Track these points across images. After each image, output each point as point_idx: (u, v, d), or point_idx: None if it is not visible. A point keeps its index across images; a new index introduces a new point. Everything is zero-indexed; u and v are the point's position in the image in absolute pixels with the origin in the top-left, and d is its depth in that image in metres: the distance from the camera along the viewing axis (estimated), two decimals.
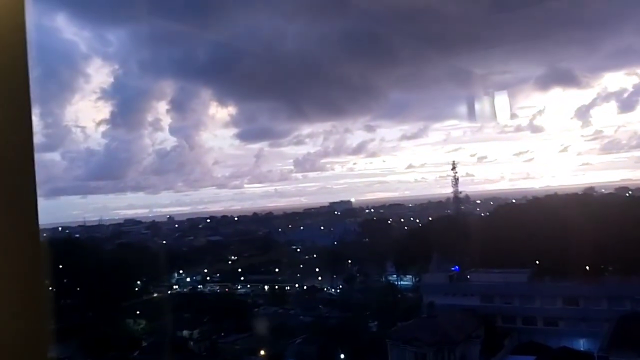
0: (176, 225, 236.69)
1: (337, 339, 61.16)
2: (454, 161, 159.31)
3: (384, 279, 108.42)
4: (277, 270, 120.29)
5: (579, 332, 58.22)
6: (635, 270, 67.21)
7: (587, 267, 77.19)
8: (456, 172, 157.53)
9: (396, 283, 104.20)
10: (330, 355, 60.43)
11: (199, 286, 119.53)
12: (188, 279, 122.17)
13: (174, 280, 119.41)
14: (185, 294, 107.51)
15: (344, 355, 60.16)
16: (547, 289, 63.66)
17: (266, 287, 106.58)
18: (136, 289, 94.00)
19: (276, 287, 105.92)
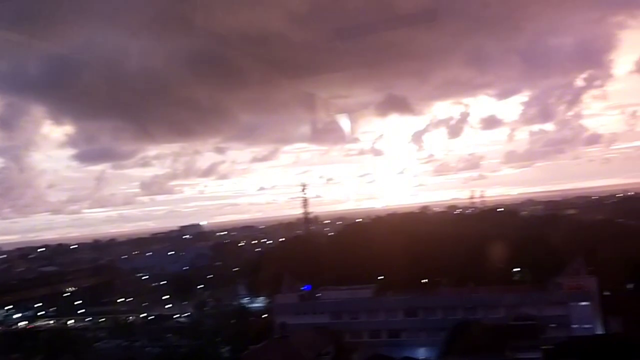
0: (4, 256, 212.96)
1: None
2: (303, 183, 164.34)
3: (236, 302, 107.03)
4: (121, 300, 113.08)
5: (419, 341, 62.31)
6: (465, 281, 73.88)
7: (425, 280, 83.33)
8: (306, 194, 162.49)
9: (248, 306, 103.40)
10: None
11: (31, 322, 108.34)
12: (17, 315, 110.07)
13: (0, 318, 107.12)
14: (14, 332, 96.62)
15: None
16: (389, 303, 67.38)
17: (109, 319, 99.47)
18: None
19: (120, 318, 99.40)
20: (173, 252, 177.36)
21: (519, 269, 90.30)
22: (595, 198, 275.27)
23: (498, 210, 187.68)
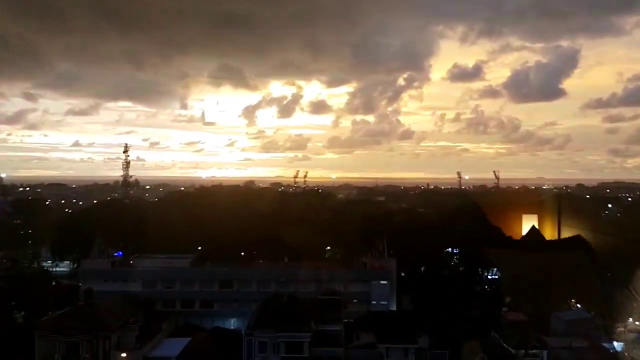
0: None
1: None
2: (126, 144, 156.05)
3: (36, 265, 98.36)
4: None
5: (232, 312, 63.73)
6: (280, 256, 77.05)
7: (242, 253, 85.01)
8: (128, 155, 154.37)
9: (51, 269, 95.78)
10: None
11: None
12: None
13: None
14: None
15: None
16: (206, 273, 67.62)
17: None
18: None
19: None
20: None
21: (330, 248, 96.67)
22: (402, 188, 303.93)
23: (318, 191, 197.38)
